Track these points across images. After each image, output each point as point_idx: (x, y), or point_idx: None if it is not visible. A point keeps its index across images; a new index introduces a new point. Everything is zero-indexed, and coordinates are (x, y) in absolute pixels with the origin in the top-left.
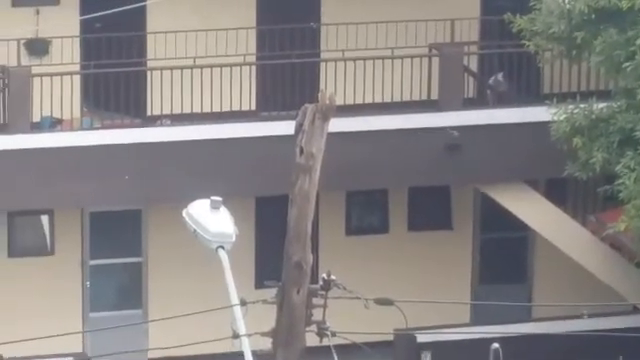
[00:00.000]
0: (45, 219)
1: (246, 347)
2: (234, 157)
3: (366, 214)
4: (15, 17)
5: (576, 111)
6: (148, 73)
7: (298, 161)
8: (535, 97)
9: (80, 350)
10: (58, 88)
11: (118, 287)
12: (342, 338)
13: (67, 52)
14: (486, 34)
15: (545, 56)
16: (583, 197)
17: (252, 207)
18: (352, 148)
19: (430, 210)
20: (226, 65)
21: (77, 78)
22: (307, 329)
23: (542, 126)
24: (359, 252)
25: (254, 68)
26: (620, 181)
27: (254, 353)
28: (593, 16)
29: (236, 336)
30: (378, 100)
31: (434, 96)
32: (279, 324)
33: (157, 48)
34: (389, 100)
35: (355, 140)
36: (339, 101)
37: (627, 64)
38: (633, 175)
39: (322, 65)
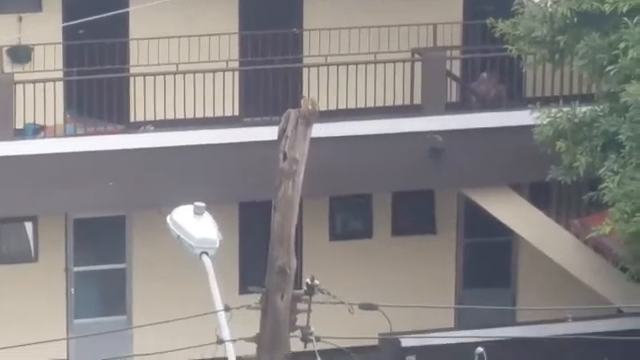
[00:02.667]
0: (29, 226)
1: (230, 353)
2: (217, 163)
3: (350, 219)
4: None
5: (559, 115)
6: (131, 79)
7: (281, 166)
8: (518, 101)
9: (65, 357)
10: (41, 95)
11: (102, 293)
12: (326, 343)
13: (50, 59)
14: (469, 38)
15: (528, 60)
16: (567, 201)
17: (236, 213)
18: (335, 153)
19: (414, 215)
20: (209, 71)
21: (60, 85)
22: (291, 334)
23: (525, 130)
24: (343, 257)
25: (237, 74)
26: (604, 185)
27: (239, 359)
28: (575, 20)
29: (220, 342)
30: (361, 105)
31: (417, 101)
32: (263, 329)
33: (140, 54)
34: (372, 105)
35: (338, 145)
36: (322, 106)
37: (610, 68)
38: (617, 178)
39: (305, 70)
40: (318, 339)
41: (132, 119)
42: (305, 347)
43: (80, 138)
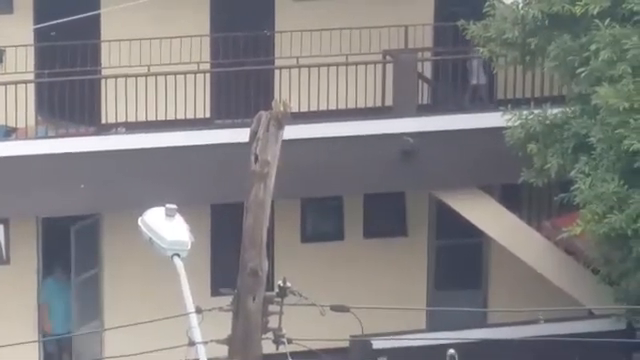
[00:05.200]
0: (0, 228)
1: (202, 355)
2: (189, 165)
3: (321, 221)
4: None
5: (530, 117)
6: (102, 81)
7: (253, 169)
8: (489, 103)
9: None
10: (12, 97)
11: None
12: (298, 345)
13: (21, 60)
14: (440, 40)
15: (499, 62)
16: (538, 203)
17: (207, 215)
18: (307, 155)
19: (385, 217)
20: (180, 73)
21: (31, 87)
22: (263, 336)
23: (497, 132)
24: (315, 259)
25: (208, 76)
26: (575, 186)
27: None
28: (547, 22)
29: (192, 344)
30: (332, 107)
31: (388, 102)
32: (235, 332)
33: (111, 56)
34: (344, 107)
35: (310, 147)
36: (294, 108)
37: (581, 70)
38: (588, 180)
39: (276, 72)
40: (290, 341)
41: (103, 121)
42: (277, 349)
43: (51, 140)
